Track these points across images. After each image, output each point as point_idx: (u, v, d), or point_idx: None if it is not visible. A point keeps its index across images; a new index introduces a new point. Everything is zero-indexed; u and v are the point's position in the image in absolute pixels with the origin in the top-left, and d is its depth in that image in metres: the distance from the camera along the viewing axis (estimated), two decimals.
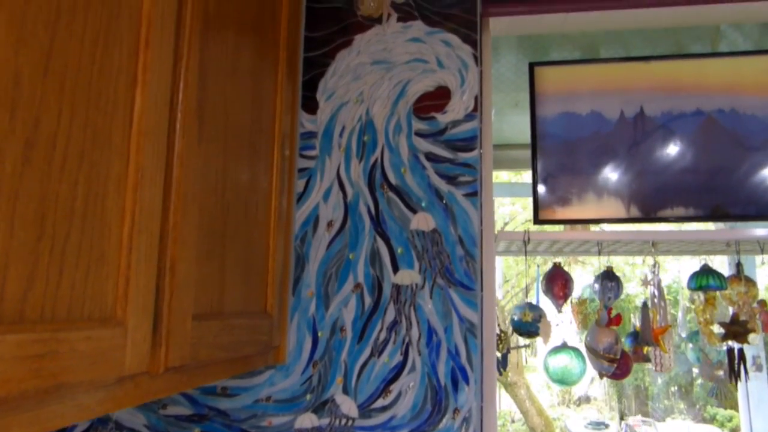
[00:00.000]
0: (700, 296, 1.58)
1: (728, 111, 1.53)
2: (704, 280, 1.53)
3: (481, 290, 1.43)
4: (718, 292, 1.61)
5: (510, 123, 2.62)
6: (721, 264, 3.03)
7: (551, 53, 2.27)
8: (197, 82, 0.95)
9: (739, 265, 1.69)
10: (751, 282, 1.71)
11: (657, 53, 2.30)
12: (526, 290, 1.66)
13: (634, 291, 8.30)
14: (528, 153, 1.70)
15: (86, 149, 0.71)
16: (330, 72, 1.52)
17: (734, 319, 1.54)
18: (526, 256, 1.60)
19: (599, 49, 2.31)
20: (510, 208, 8.31)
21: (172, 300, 0.89)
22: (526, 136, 1.76)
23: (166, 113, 0.85)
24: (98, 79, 0.73)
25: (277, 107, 1.37)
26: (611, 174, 1.54)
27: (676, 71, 1.56)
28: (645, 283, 1.57)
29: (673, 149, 1.53)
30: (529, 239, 1.58)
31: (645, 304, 1.59)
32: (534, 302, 1.72)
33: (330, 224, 1.47)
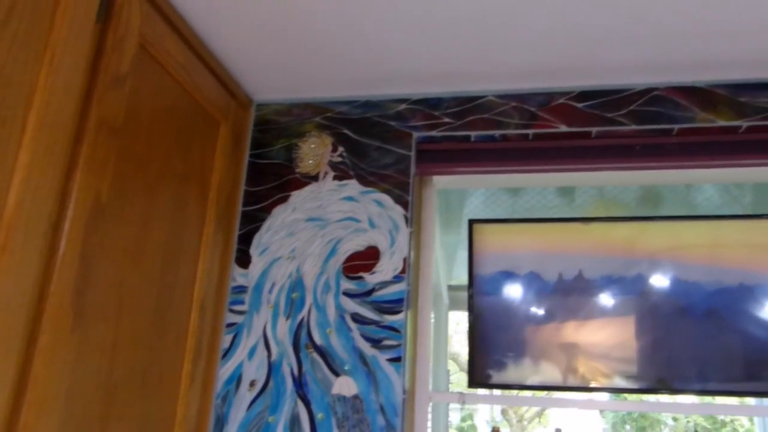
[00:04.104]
0: None
1: (671, 277, 1.49)
2: None
3: None
4: None
5: (463, 263, 2.60)
6: None
7: None
8: (77, 269, 0.96)
9: None
10: None
11: (625, 189, 2.29)
12: None
13: None
14: None
15: None
16: (265, 227, 1.54)
17: None
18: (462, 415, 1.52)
19: None
20: None
21: None
22: None
23: (22, 314, 0.85)
24: None
25: (201, 265, 1.37)
26: (548, 339, 1.48)
27: (617, 233, 1.54)
28: None
29: (612, 315, 1.48)
30: (464, 402, 1.51)
31: None
32: None
33: (252, 384, 1.43)
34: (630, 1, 1.21)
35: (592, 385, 1.45)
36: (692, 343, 1.44)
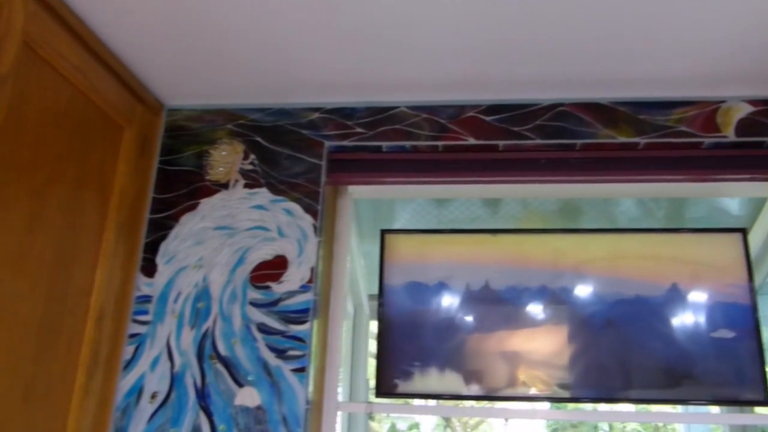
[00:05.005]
0: None
1: (572, 288, 1.53)
2: None
3: None
4: None
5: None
6: None
7: None
8: None
9: None
10: None
11: (547, 201, 2.35)
12: None
13: None
14: None
15: None
16: (173, 235, 1.51)
17: None
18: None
19: None
20: None
21: None
22: None
23: None
24: None
25: (99, 274, 1.33)
26: (453, 349, 1.50)
27: (524, 245, 1.58)
28: None
29: (515, 326, 1.51)
30: (372, 412, 1.52)
31: None
32: None
33: (154, 396, 1.39)
34: (538, 19, 1.25)
35: (497, 394, 1.47)
36: (592, 352, 1.48)
